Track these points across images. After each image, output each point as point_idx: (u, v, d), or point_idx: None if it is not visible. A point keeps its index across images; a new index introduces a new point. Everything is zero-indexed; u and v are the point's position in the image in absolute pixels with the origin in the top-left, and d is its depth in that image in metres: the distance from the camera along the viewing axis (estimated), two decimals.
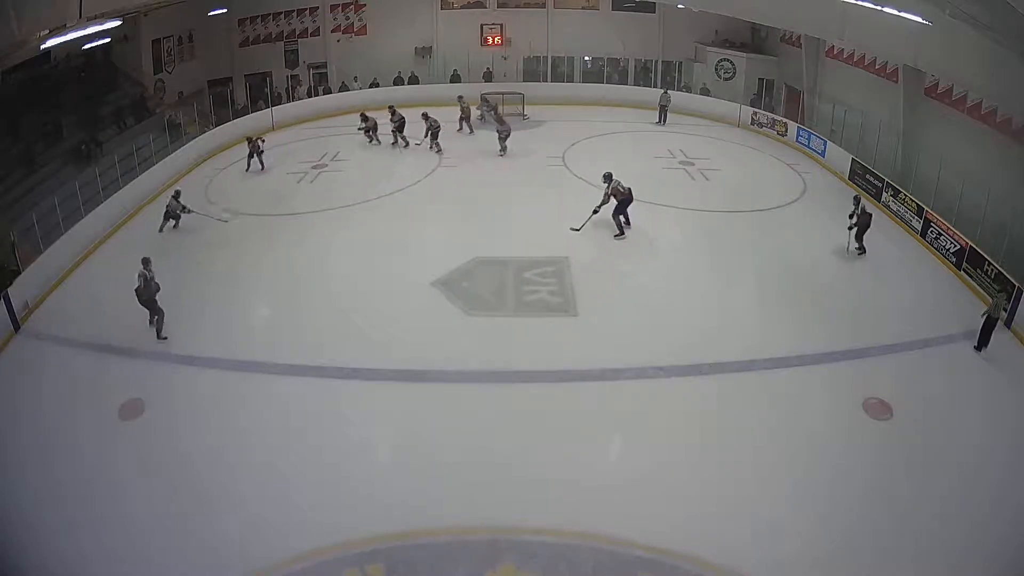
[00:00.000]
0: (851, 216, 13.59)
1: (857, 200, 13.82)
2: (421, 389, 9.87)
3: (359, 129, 20.10)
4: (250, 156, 18.34)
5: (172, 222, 14.79)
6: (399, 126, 19.58)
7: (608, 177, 14.20)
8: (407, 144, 19.58)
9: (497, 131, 19.07)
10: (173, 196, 14.89)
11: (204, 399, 9.64)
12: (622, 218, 14.28)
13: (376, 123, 20.00)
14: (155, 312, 10.93)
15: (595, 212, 14.14)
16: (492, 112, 21.68)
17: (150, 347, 10.68)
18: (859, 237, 13.52)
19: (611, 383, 9.96)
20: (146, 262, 10.91)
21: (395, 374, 10.09)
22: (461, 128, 20.77)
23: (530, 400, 9.64)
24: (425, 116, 19.09)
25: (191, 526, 7.53)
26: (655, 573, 7.03)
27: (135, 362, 10.39)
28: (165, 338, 10.84)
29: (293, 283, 12.70)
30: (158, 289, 10.88)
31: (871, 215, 13.62)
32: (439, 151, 18.96)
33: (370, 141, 20.12)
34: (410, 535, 7.43)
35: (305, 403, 9.56)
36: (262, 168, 18.39)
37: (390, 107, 20.06)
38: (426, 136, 19.09)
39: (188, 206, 14.72)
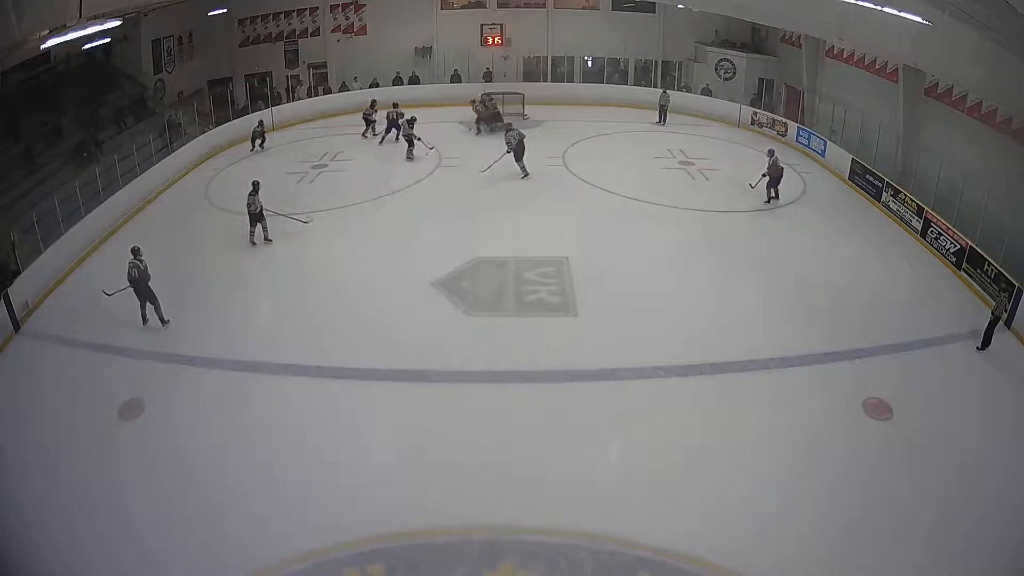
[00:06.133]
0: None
1: (771, 152, 15.73)
2: (421, 389, 9.87)
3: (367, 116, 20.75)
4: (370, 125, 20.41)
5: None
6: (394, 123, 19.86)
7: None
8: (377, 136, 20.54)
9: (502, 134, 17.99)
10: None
11: (204, 399, 9.64)
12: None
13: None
14: (151, 300, 11.07)
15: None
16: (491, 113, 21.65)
17: (150, 347, 10.69)
18: (769, 187, 15.54)
19: (611, 383, 9.96)
20: (136, 251, 11.05)
21: (395, 374, 10.09)
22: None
23: (530, 400, 9.64)
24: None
25: (191, 526, 7.53)
26: (655, 573, 7.03)
27: (135, 362, 10.39)
28: (168, 321, 11.15)
29: (293, 283, 12.71)
30: (150, 277, 11.07)
31: (783, 169, 15.61)
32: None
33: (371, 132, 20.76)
34: (410, 535, 7.42)
35: (305, 403, 9.56)
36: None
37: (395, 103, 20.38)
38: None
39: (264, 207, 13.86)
